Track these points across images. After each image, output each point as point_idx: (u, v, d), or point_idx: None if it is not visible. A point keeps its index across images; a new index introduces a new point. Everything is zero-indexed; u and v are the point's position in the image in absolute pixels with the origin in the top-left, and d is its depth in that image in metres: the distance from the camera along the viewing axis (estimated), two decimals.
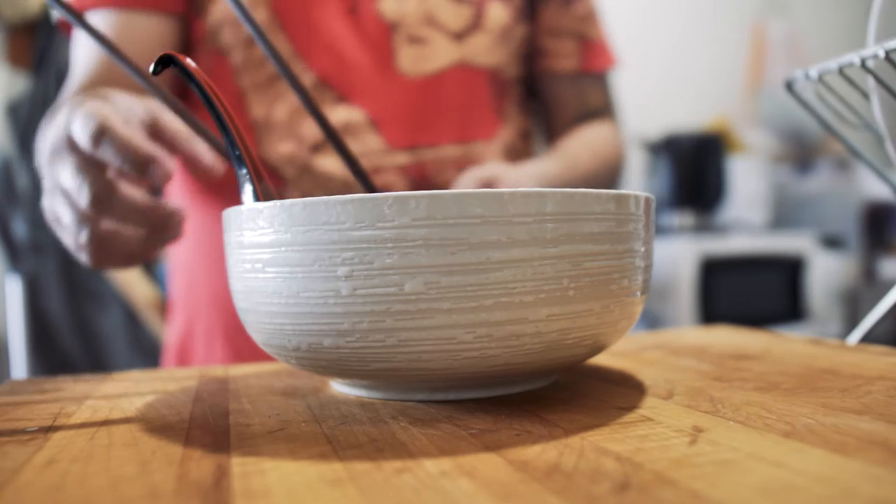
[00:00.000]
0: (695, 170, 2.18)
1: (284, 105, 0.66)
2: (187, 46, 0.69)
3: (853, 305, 2.30)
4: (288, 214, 0.29)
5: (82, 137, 0.39)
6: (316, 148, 0.66)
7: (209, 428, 0.29)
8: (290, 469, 0.23)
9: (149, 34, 0.65)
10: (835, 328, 2.23)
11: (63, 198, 0.41)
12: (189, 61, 0.33)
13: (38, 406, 0.34)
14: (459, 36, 0.71)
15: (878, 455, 0.22)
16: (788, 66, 2.64)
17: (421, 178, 0.68)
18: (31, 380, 0.42)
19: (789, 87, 0.48)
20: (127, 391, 0.38)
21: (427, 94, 0.69)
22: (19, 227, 1.65)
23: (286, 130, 0.66)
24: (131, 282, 1.48)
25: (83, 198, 0.39)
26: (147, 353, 1.60)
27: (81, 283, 1.62)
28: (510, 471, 0.22)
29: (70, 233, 0.42)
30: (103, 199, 0.39)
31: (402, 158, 0.68)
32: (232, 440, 0.27)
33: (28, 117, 1.63)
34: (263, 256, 0.30)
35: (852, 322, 2.25)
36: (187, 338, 0.73)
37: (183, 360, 0.74)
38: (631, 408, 0.30)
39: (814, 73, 0.44)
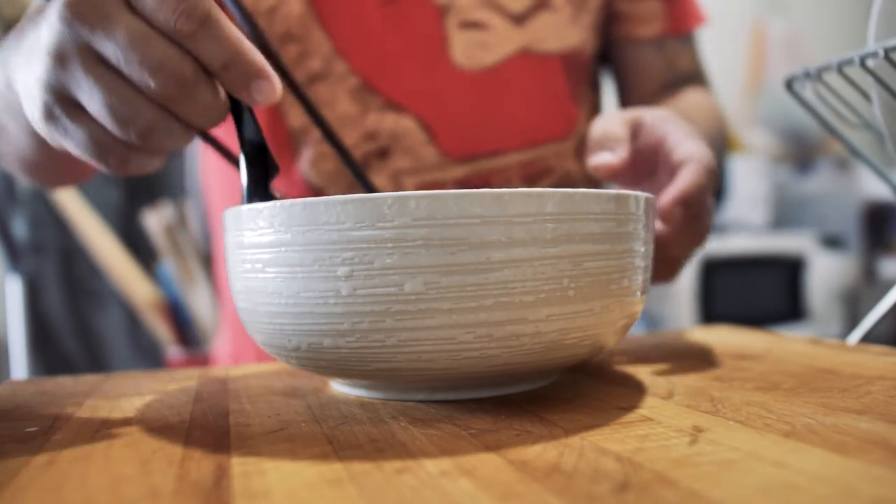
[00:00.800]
0: None
1: (327, 113, 0.57)
2: None
3: (853, 305, 2.30)
4: (288, 214, 0.29)
5: (163, 10, 0.28)
6: (364, 166, 0.57)
7: (209, 428, 0.29)
8: (290, 469, 0.23)
9: None
10: (835, 328, 2.23)
11: (96, 77, 0.29)
12: None
13: (38, 406, 0.34)
14: (522, 17, 0.60)
15: (878, 455, 0.22)
16: (788, 65, 2.64)
17: None
18: (31, 380, 0.42)
19: (789, 86, 0.48)
20: (127, 391, 0.38)
21: (487, 90, 0.59)
22: (19, 227, 1.65)
23: (323, 144, 0.57)
24: (131, 282, 1.48)
25: (152, 80, 0.29)
26: (147, 353, 1.60)
27: (81, 283, 1.62)
28: (510, 471, 0.22)
29: (104, 122, 0.30)
30: (184, 85, 0.29)
31: (460, 171, 0.59)
32: (232, 440, 0.27)
33: None
34: (263, 256, 0.30)
35: (852, 322, 2.25)
36: (239, 351, 0.68)
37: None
38: (631, 408, 0.30)
39: (813, 72, 0.44)
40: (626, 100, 0.70)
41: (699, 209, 0.42)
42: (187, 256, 1.48)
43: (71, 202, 1.50)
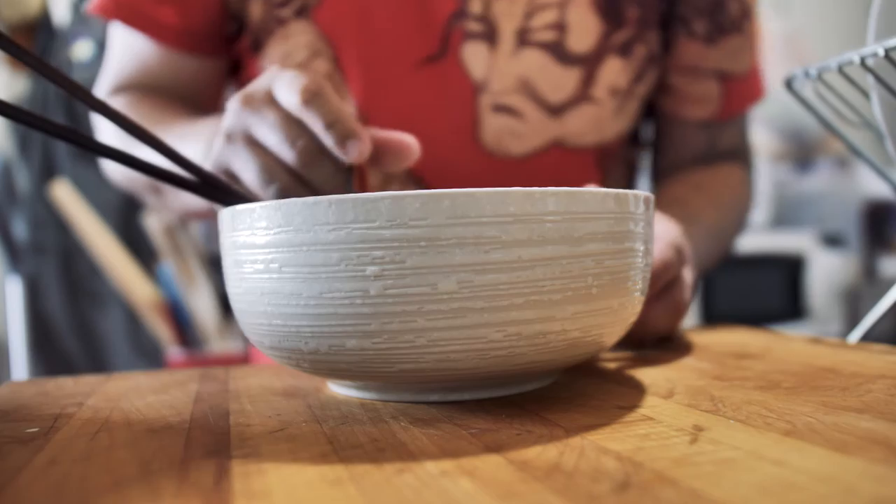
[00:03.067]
0: None
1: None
2: (241, 77, 0.62)
3: (853, 304, 2.29)
4: (311, 212, 0.28)
5: (290, 94, 0.37)
6: None
7: (210, 428, 0.29)
8: (291, 469, 0.23)
9: (188, 71, 0.60)
10: (835, 327, 2.23)
11: (250, 151, 0.39)
12: None
13: (38, 407, 0.34)
14: (559, 109, 0.56)
15: (879, 453, 0.22)
16: (788, 64, 2.63)
17: None
18: (32, 381, 0.42)
19: (789, 85, 0.48)
20: (127, 392, 0.38)
21: (514, 179, 0.54)
22: (19, 228, 1.65)
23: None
24: (131, 282, 1.48)
25: (289, 152, 0.38)
26: (147, 353, 1.60)
27: (81, 284, 1.62)
28: (511, 470, 0.22)
29: (251, 185, 0.40)
30: (312, 158, 0.38)
31: None
32: (232, 440, 0.27)
33: None
34: (280, 256, 0.29)
35: (853, 321, 2.25)
36: None
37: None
38: (631, 407, 0.30)
39: (813, 71, 0.44)
40: (658, 160, 0.68)
41: (670, 284, 0.44)
42: (187, 257, 1.48)
43: (71, 202, 1.50)
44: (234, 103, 0.40)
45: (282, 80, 0.39)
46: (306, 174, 0.38)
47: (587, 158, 0.59)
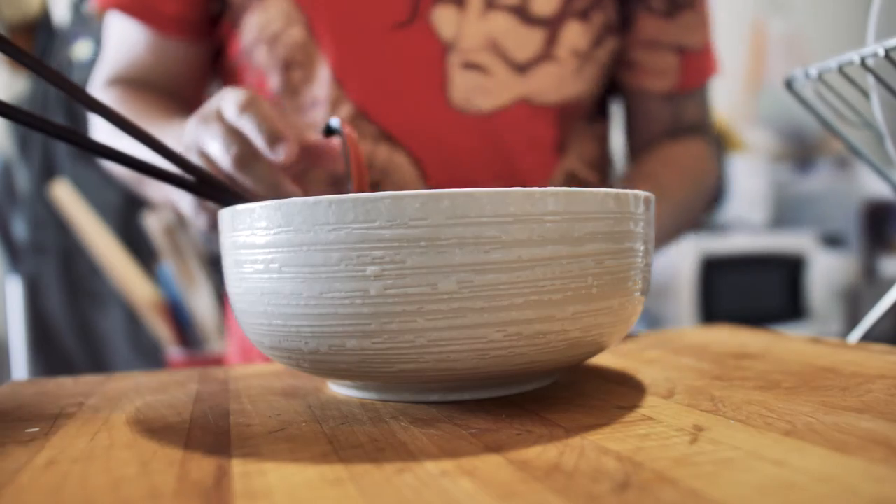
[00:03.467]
0: None
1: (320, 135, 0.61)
2: (222, 63, 0.66)
3: (853, 304, 2.29)
4: (311, 212, 0.28)
5: (231, 106, 0.43)
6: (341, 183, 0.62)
7: (210, 428, 0.29)
8: (291, 469, 0.23)
9: (178, 59, 0.65)
10: (835, 327, 2.23)
11: (200, 160, 0.44)
12: (349, 130, 0.42)
13: (38, 407, 0.34)
14: (525, 67, 0.60)
15: (879, 453, 0.22)
16: (788, 64, 2.64)
17: None
18: (32, 380, 0.42)
19: (789, 85, 0.48)
20: (127, 392, 0.38)
21: (481, 135, 0.59)
22: (19, 228, 1.65)
23: (319, 168, 0.60)
24: (131, 282, 1.48)
25: (227, 158, 0.42)
26: (147, 353, 1.60)
27: (81, 284, 1.62)
28: (511, 470, 0.22)
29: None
30: (246, 161, 0.42)
31: None
32: (232, 440, 0.27)
33: None
34: (279, 256, 0.29)
35: (853, 321, 2.25)
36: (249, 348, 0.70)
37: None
38: (631, 407, 0.30)
39: (814, 71, 0.44)
40: (630, 137, 0.71)
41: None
42: (187, 257, 1.48)
43: (71, 202, 1.50)
44: (191, 121, 0.45)
45: (226, 97, 0.44)
46: (241, 177, 0.42)
47: (550, 116, 0.62)
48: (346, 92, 0.58)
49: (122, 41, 0.65)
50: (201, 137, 0.44)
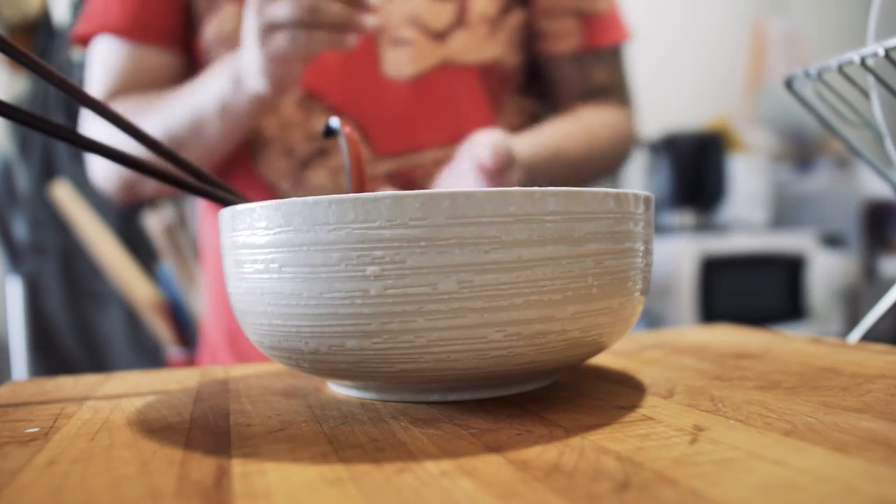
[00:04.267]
0: (695, 169, 2.18)
1: (273, 119, 0.68)
2: (192, 66, 0.72)
3: (854, 304, 2.29)
4: (311, 212, 0.28)
5: None
6: (305, 163, 0.68)
7: (210, 428, 0.29)
8: (291, 469, 0.23)
9: (155, 67, 0.70)
10: (835, 327, 2.23)
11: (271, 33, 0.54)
12: (349, 130, 0.43)
13: (38, 407, 0.34)
14: (442, 34, 0.69)
15: (879, 453, 0.22)
16: (788, 64, 2.63)
17: (408, 185, 0.68)
18: (32, 380, 0.42)
19: (789, 85, 0.48)
20: (127, 392, 0.38)
21: (413, 97, 0.68)
22: (19, 228, 1.65)
23: (276, 144, 0.68)
24: (131, 282, 1.48)
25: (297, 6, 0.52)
26: (147, 353, 1.60)
27: (81, 284, 1.62)
28: (511, 470, 0.22)
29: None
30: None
31: (386, 166, 0.68)
32: (232, 440, 0.27)
33: None
34: (279, 256, 0.29)
35: (853, 321, 2.25)
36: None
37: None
38: (631, 407, 0.30)
39: (813, 71, 0.44)
40: (548, 104, 0.79)
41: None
42: (187, 257, 1.48)
43: (71, 202, 1.50)
44: (249, 5, 0.55)
45: None
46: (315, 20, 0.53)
47: (471, 76, 0.70)
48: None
49: (110, 64, 0.71)
50: (264, 10, 0.54)
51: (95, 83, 0.71)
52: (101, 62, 0.71)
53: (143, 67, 0.70)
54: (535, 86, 0.77)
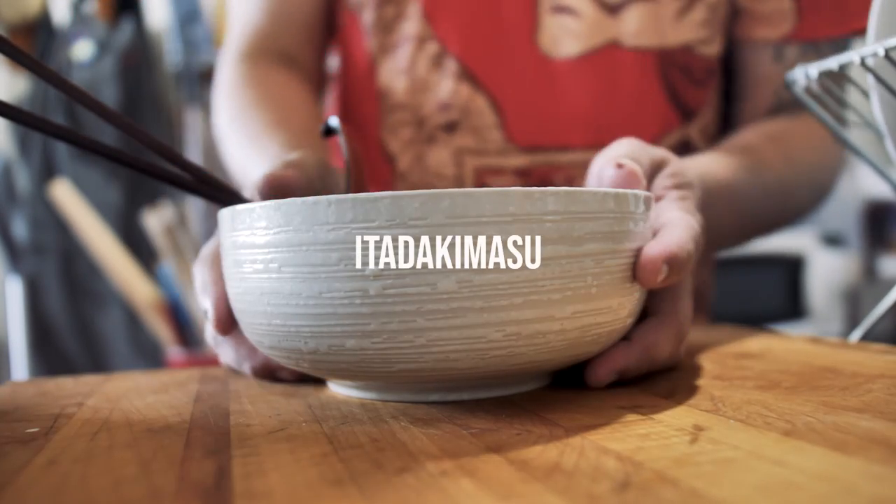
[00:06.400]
0: None
1: (406, 78, 0.59)
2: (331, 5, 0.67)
3: (854, 304, 2.29)
4: (311, 212, 0.28)
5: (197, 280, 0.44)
6: (431, 137, 0.58)
7: (210, 428, 0.29)
8: (291, 469, 0.23)
9: (295, 19, 0.65)
10: (835, 326, 2.23)
11: None
12: (349, 130, 0.40)
13: (38, 407, 0.34)
14: (616, 7, 0.55)
15: (879, 453, 0.22)
16: None
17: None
18: (32, 381, 0.42)
19: (789, 85, 0.48)
20: (127, 392, 0.38)
21: (565, 81, 0.56)
22: (19, 228, 1.65)
23: (405, 110, 0.59)
24: (131, 282, 1.48)
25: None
26: (147, 353, 1.60)
27: (81, 284, 1.63)
28: (511, 470, 0.22)
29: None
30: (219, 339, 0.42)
31: (520, 160, 0.56)
32: (233, 440, 0.27)
33: None
34: (279, 256, 0.29)
35: (853, 320, 2.25)
36: None
37: None
38: (631, 407, 0.30)
39: (814, 71, 0.44)
40: (733, 112, 0.61)
41: (674, 296, 0.35)
42: (187, 257, 1.48)
43: (71, 202, 1.50)
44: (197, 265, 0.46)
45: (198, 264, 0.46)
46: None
47: (646, 63, 0.56)
48: (434, 30, 0.58)
49: (244, 12, 0.66)
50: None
51: (231, 37, 0.67)
52: (236, 11, 0.67)
53: (272, 17, 0.65)
54: (724, 84, 0.61)
